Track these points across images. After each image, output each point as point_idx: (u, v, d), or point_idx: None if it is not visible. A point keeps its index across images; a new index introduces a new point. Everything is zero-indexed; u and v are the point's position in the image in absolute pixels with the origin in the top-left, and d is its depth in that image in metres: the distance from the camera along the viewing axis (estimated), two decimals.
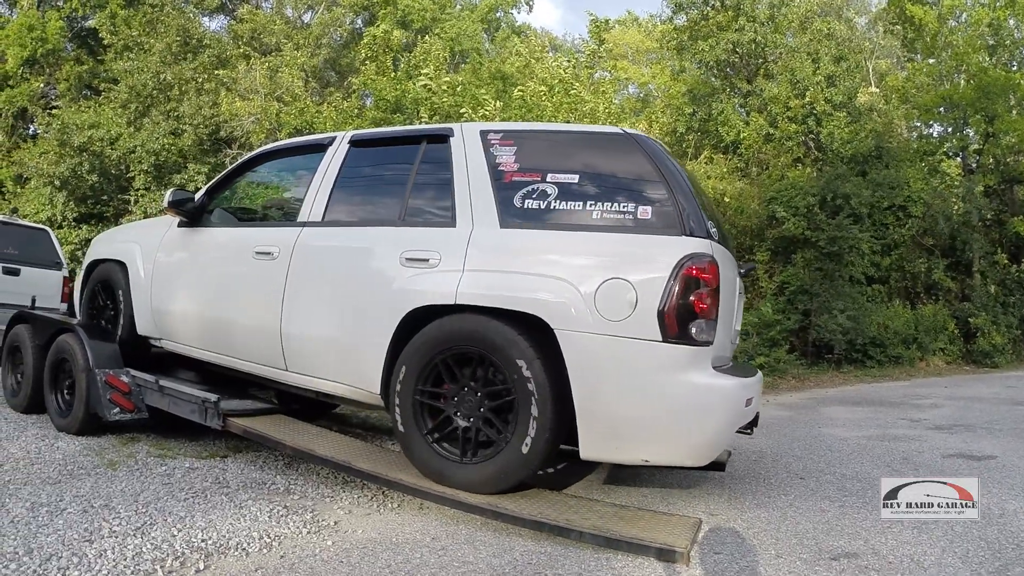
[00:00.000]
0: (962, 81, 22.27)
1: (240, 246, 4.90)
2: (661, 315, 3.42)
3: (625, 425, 3.55)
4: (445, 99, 12.20)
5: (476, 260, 3.85)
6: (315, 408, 5.83)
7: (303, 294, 4.43)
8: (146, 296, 5.38)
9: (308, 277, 4.44)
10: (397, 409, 3.95)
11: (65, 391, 5.42)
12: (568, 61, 14.36)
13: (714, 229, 3.84)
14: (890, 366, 16.12)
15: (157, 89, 17.94)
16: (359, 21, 25.70)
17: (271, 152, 5.42)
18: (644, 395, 3.51)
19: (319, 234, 4.53)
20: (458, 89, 12.65)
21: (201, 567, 3.06)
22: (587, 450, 3.60)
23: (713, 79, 21.17)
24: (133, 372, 5.13)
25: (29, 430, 5.27)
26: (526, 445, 3.62)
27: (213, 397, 4.57)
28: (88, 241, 17.79)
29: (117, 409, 5.00)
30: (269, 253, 4.61)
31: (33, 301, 8.77)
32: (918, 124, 23.84)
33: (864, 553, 3.48)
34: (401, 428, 3.95)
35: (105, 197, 18.15)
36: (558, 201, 3.84)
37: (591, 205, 3.78)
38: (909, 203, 17.51)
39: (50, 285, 10.97)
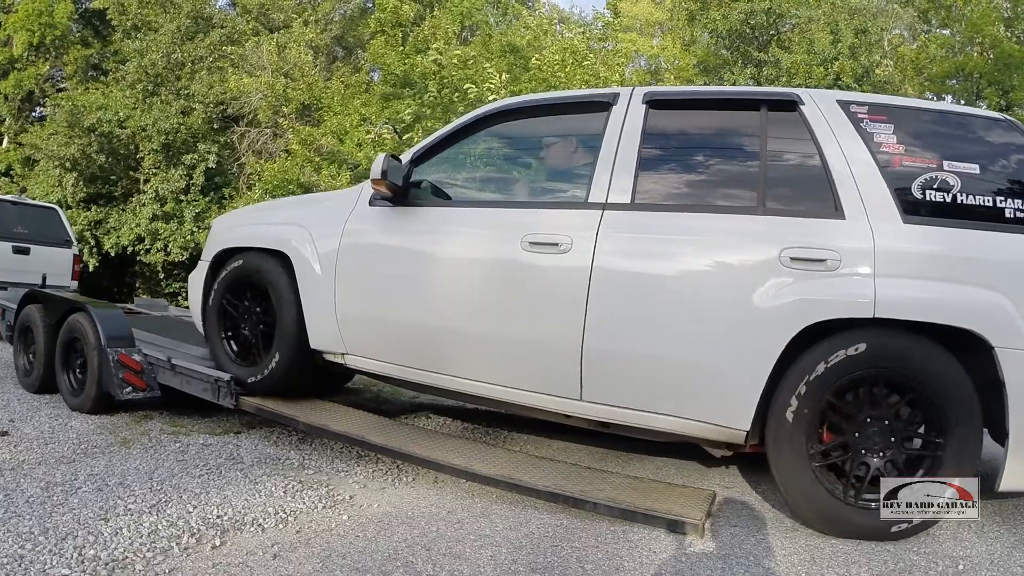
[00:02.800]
0: (975, 53, 21.91)
1: (499, 234, 3.92)
2: None
3: None
4: (454, 72, 12.13)
5: (888, 263, 3.23)
6: (327, 384, 5.81)
7: (624, 300, 3.56)
8: (326, 299, 4.32)
9: (630, 278, 3.59)
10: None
11: (77, 370, 5.41)
12: (582, 31, 14.24)
13: None
14: None
15: (167, 68, 17.92)
16: None
17: (510, 110, 4.36)
18: None
19: (637, 220, 3.67)
20: (469, 63, 12.57)
21: (217, 543, 3.05)
22: (1012, 480, 3.17)
23: (724, 50, 20.91)
24: (145, 350, 5.09)
25: (42, 410, 5.28)
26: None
27: (226, 376, 4.54)
28: (98, 223, 17.94)
29: (129, 388, 4.98)
30: (555, 244, 3.68)
31: (44, 280, 8.85)
32: (931, 97, 23.52)
33: None
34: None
35: (114, 177, 18.23)
36: (964, 195, 3.29)
37: (1002, 201, 3.27)
38: None
39: (60, 263, 11.03)
